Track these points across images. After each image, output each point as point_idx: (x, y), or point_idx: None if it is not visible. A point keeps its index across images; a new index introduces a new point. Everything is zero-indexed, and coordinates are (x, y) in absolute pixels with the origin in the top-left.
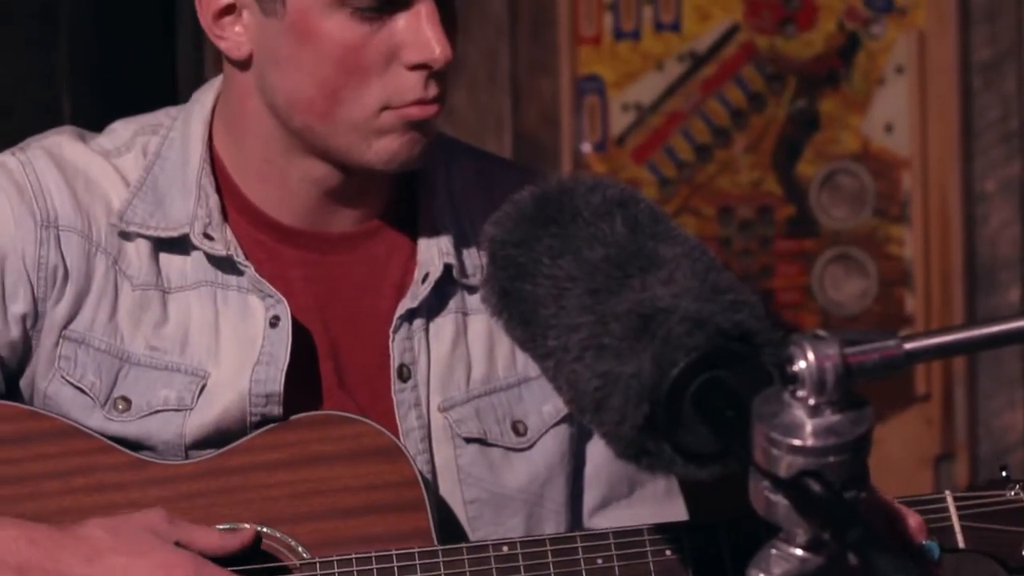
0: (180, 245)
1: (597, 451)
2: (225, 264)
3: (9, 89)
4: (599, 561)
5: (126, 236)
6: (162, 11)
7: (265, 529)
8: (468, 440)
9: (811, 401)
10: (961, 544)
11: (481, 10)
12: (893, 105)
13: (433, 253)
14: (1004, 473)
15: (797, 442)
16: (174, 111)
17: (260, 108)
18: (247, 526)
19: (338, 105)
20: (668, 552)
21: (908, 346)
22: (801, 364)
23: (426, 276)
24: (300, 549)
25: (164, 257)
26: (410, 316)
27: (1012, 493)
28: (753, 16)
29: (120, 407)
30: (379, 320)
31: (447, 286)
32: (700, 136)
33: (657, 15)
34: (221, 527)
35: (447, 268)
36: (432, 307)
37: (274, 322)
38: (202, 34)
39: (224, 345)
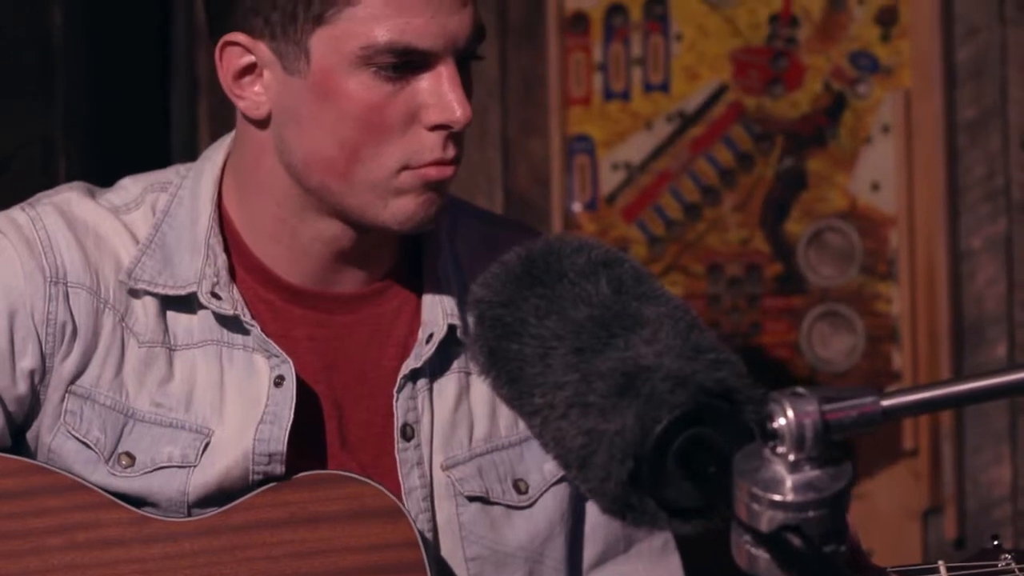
0: (187, 303)
1: (594, 508)
2: (232, 323)
3: (6, 147)
4: None
5: (134, 293)
6: (157, 71)
7: None
8: (470, 498)
9: (791, 457)
10: None
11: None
12: (880, 164)
13: (437, 313)
14: (996, 543)
15: (777, 497)
16: (183, 169)
17: (275, 167)
18: None
19: (357, 164)
20: None
21: (885, 403)
22: (781, 421)
23: (430, 336)
24: None
25: (171, 315)
26: (414, 376)
27: (1003, 563)
28: (741, 76)
29: (124, 463)
30: (383, 379)
31: (451, 346)
32: (689, 195)
33: (646, 76)
34: None
35: (451, 328)
36: (435, 367)
37: (279, 382)
38: (196, 93)
39: (228, 403)
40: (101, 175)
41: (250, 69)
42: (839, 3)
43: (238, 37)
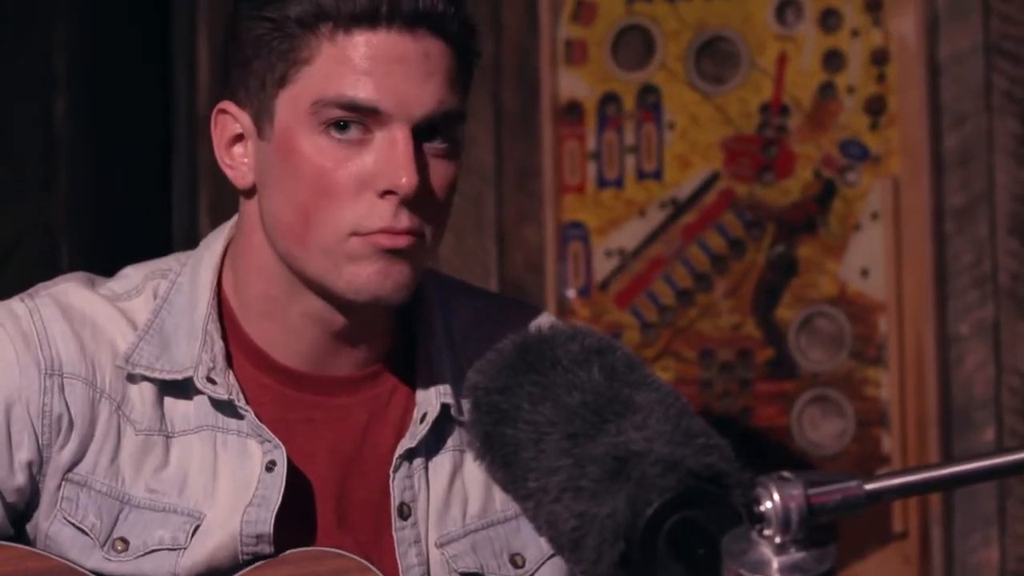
0: (184, 388)
1: None
2: (226, 408)
3: (10, 237)
4: None
5: (131, 379)
6: (159, 161)
7: None
8: (464, 575)
9: (777, 539)
10: None
11: (467, 158)
12: (869, 250)
13: (431, 393)
14: None
15: None
16: (183, 256)
17: (262, 241)
18: None
19: (311, 228)
20: None
21: (868, 487)
22: (767, 504)
23: (424, 416)
24: None
25: (168, 401)
26: (410, 455)
27: None
28: (732, 164)
29: (119, 548)
30: (380, 459)
31: (445, 424)
32: (681, 281)
33: (639, 164)
34: None
35: (444, 408)
36: (430, 446)
37: (270, 467)
38: (197, 182)
39: (220, 487)
40: (103, 263)
41: (239, 138)
42: (829, 92)
43: (228, 106)
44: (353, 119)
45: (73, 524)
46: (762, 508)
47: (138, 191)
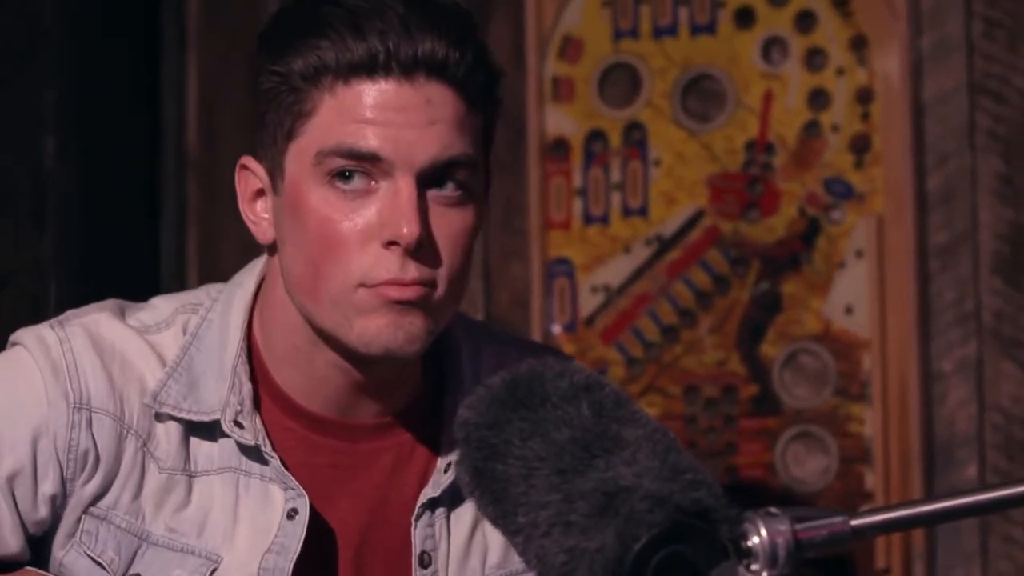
0: (210, 430)
1: None
2: (252, 452)
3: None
4: None
5: (159, 417)
6: (147, 201)
7: None
8: None
9: (764, 574)
10: None
11: None
12: (853, 288)
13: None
14: None
15: None
16: (214, 291)
17: (284, 295)
18: None
19: (320, 280)
20: None
21: (854, 523)
22: (754, 539)
23: (448, 466)
24: None
25: (194, 441)
26: (432, 505)
27: None
28: (718, 202)
29: None
30: (403, 507)
31: None
32: (666, 318)
33: (625, 200)
34: None
35: None
36: (454, 495)
37: (292, 514)
38: (185, 223)
39: (240, 531)
40: (91, 301)
41: (260, 194)
42: (814, 131)
43: (249, 161)
44: (356, 168)
45: (91, 557)
46: (749, 543)
47: (126, 229)
